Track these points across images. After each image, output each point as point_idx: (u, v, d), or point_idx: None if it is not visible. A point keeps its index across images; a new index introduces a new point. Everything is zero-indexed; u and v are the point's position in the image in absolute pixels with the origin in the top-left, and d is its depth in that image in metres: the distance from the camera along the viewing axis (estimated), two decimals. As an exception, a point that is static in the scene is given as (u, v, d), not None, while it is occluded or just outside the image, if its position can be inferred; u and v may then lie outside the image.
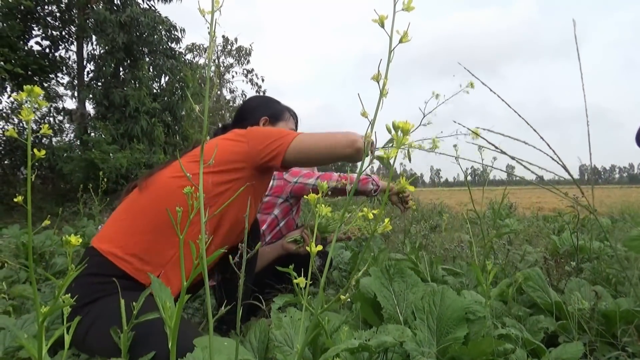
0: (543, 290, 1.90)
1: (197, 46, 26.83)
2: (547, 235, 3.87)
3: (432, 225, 5.00)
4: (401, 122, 0.57)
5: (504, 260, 2.25)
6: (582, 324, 1.68)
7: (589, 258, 2.54)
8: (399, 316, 1.47)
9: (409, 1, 0.56)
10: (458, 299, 1.44)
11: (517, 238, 4.50)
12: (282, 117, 1.92)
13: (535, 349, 1.49)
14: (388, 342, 1.13)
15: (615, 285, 2.20)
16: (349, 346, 1.03)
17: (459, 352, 1.30)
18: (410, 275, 1.57)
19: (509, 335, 1.47)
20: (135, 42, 11.03)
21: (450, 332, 1.38)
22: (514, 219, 5.95)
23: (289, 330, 1.28)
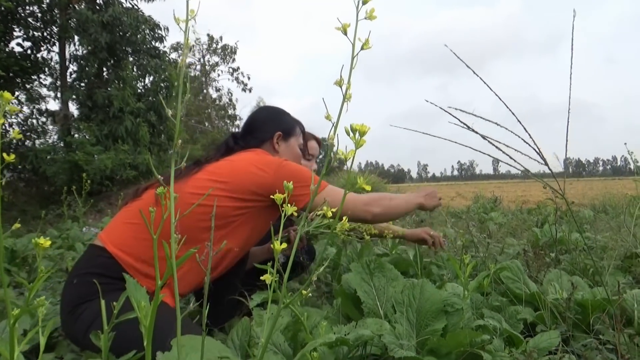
0: (522, 282, 1.93)
1: (182, 45, 26.55)
2: (529, 227, 3.93)
3: (418, 220, 5.05)
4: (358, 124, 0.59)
5: (484, 253, 2.28)
6: (558, 314, 1.72)
7: (567, 249, 2.59)
8: (379, 310, 1.50)
9: (371, 10, 0.58)
10: (437, 292, 1.46)
11: (501, 231, 4.57)
12: (293, 132, 1.88)
13: (512, 338, 1.52)
14: (366, 336, 1.16)
15: (593, 276, 2.25)
16: (326, 340, 1.05)
17: (437, 344, 1.33)
18: (390, 269, 1.59)
19: (486, 326, 1.50)
20: (118, 42, 10.92)
21: (429, 325, 1.40)
22: (498, 213, 6.03)
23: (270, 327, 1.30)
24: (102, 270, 1.38)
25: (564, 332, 1.65)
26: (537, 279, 2.13)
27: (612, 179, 5.85)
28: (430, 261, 2.18)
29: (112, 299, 1.28)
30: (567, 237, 2.64)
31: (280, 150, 1.78)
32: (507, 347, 1.46)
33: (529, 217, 5.70)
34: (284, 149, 1.79)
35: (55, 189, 9.54)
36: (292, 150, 1.81)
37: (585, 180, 18.00)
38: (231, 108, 27.08)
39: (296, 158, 1.82)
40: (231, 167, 1.57)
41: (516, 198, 11.16)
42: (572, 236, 2.92)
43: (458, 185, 17.37)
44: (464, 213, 5.83)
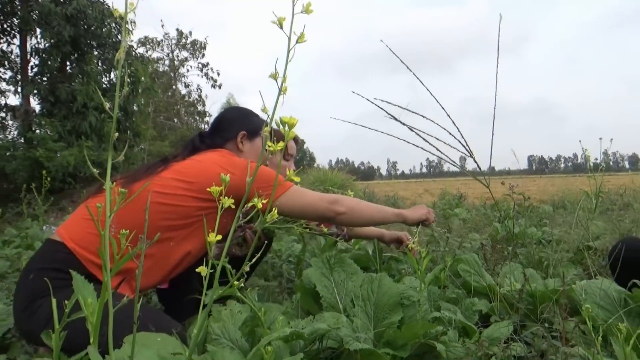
0: (479, 275, 1.99)
1: (150, 39, 26.09)
2: (490, 222, 4.04)
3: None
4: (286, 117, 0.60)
5: (444, 247, 2.34)
6: (511, 305, 1.79)
7: (522, 243, 2.68)
8: (338, 304, 1.52)
9: (307, 4, 0.59)
10: (394, 286, 1.50)
11: (465, 226, 4.68)
12: (260, 132, 1.87)
13: (467, 329, 1.57)
14: (322, 329, 1.18)
15: (547, 268, 2.34)
16: (281, 335, 1.07)
17: (393, 336, 1.36)
18: (350, 264, 1.62)
19: (442, 318, 1.55)
20: (82, 36, 10.60)
21: (386, 318, 1.44)
22: (463, 209, 6.18)
23: (227, 323, 1.30)
24: (61, 265, 1.36)
25: (516, 322, 1.71)
26: (494, 272, 2.20)
27: (573, 176, 6.08)
28: (389, 256, 2.22)
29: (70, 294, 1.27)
30: (523, 232, 2.73)
31: (245, 149, 1.78)
32: (461, 337, 1.51)
33: (492, 212, 5.85)
34: (249, 148, 1.79)
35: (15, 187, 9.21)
36: (257, 150, 1.81)
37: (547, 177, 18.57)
38: (201, 104, 26.69)
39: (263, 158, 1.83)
40: (198, 167, 1.57)
41: (481, 194, 11.44)
42: (529, 230, 3.02)
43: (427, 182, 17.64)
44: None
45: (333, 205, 1.63)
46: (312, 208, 1.62)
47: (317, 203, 1.62)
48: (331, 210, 1.63)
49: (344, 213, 1.64)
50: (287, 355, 1.11)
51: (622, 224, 2.97)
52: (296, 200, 1.59)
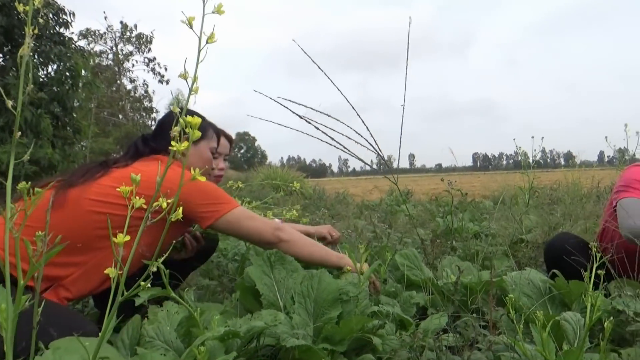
0: (418, 268, 2.06)
1: (92, 32, 24.94)
2: (434, 218, 4.17)
3: (334, 213, 5.17)
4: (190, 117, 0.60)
5: (386, 243, 2.40)
6: (448, 297, 1.86)
7: (460, 237, 2.79)
8: (278, 302, 1.52)
9: (219, 5, 0.59)
10: (333, 282, 1.52)
11: (411, 222, 4.81)
12: (204, 135, 1.82)
13: (404, 322, 1.62)
14: (257, 327, 1.18)
15: (483, 261, 2.45)
16: (215, 334, 1.06)
17: (331, 332, 1.38)
18: (290, 262, 1.63)
19: (380, 311, 1.59)
20: (16, 26, 9.95)
21: (325, 313, 1.46)
22: (409, 205, 6.34)
23: (163, 324, 1.27)
24: None
25: (452, 314, 1.79)
26: (433, 266, 2.27)
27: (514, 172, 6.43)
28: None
29: None
30: (461, 226, 2.84)
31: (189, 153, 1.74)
32: (398, 330, 1.55)
33: (437, 208, 6.05)
34: (192, 152, 1.75)
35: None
36: (202, 155, 1.78)
37: (490, 174, 19.36)
38: (147, 100, 25.81)
39: (204, 161, 1.79)
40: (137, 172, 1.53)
41: (429, 190, 11.78)
42: (467, 225, 3.15)
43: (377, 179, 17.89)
44: (377, 206, 6.05)
45: (278, 231, 1.63)
46: (258, 233, 1.61)
47: (263, 228, 1.62)
48: (275, 237, 1.62)
49: (287, 241, 1.64)
50: (221, 355, 1.10)
51: (552, 217, 3.15)
52: (242, 222, 1.59)
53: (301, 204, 6.06)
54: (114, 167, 1.58)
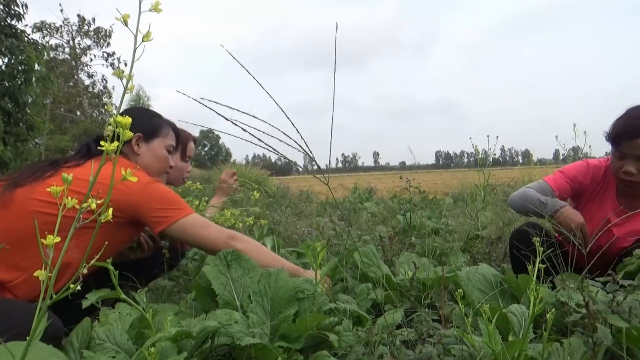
0: (376, 266, 2.09)
1: (47, 25, 23.94)
2: (394, 215, 4.24)
3: (297, 211, 5.17)
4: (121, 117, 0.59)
5: (345, 240, 2.43)
6: (404, 292, 1.90)
7: (418, 234, 2.85)
8: (235, 301, 1.52)
9: (156, 3, 0.58)
10: (290, 280, 1.52)
11: (373, 219, 4.87)
12: (159, 133, 1.77)
13: (361, 318, 1.65)
14: (211, 327, 1.17)
15: (440, 257, 2.51)
16: (166, 335, 1.04)
17: (288, 330, 1.39)
18: (247, 260, 1.62)
19: (338, 308, 1.61)
20: (-38, 17, 9.46)
21: (282, 312, 1.46)
22: (372, 202, 6.42)
23: (114, 326, 1.25)
24: None
25: (408, 309, 1.82)
26: (391, 262, 2.32)
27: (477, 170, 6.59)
28: (289, 251, 2.26)
29: None
30: (420, 223, 2.90)
31: (141, 152, 1.71)
32: (355, 326, 1.57)
33: (399, 205, 6.16)
34: (145, 151, 1.72)
35: None
36: (155, 153, 1.74)
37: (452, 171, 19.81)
38: (107, 96, 25.00)
39: (159, 160, 1.75)
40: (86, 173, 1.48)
41: (393, 188, 11.96)
42: (427, 222, 3.22)
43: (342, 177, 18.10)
44: (340, 204, 6.10)
45: (231, 241, 1.61)
46: (210, 242, 1.60)
47: (216, 237, 1.60)
48: (229, 246, 1.60)
49: (241, 250, 1.62)
50: (173, 356, 1.09)
51: (507, 213, 3.26)
52: (195, 230, 1.56)
53: (264, 203, 6.03)
54: (64, 167, 1.53)
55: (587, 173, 2.01)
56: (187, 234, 1.57)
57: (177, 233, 1.55)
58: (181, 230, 1.55)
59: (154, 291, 2.05)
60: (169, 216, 1.52)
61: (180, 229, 1.54)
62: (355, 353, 1.35)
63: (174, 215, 1.53)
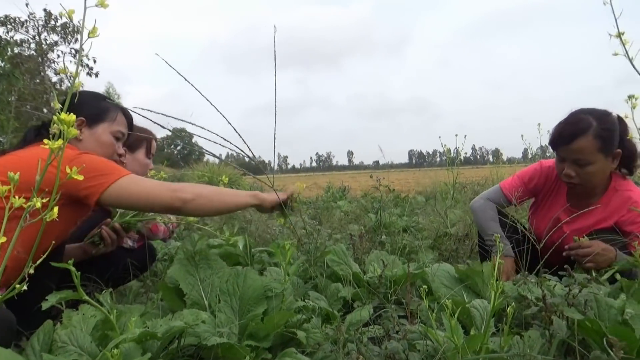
0: (345, 264, 2.11)
1: (12, 19, 23.13)
2: (366, 214, 4.28)
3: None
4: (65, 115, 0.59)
5: (315, 239, 2.44)
6: (373, 290, 1.93)
7: (388, 232, 2.89)
8: (203, 301, 1.51)
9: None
10: (259, 279, 1.53)
11: (346, 217, 4.91)
12: (104, 117, 1.67)
13: (330, 316, 1.66)
14: (176, 327, 1.16)
15: (409, 254, 2.55)
16: (131, 336, 1.03)
17: (256, 328, 1.39)
18: (216, 260, 1.62)
19: (307, 306, 1.62)
20: None
21: (251, 310, 1.46)
22: (345, 201, 6.46)
23: (77, 328, 1.23)
24: None
25: (377, 306, 1.85)
26: (361, 260, 2.34)
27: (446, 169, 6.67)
28: (260, 250, 2.26)
29: None
30: (389, 221, 2.94)
31: (84, 137, 1.62)
32: (324, 324, 1.59)
33: (372, 204, 6.21)
34: (88, 136, 1.63)
35: None
36: (99, 138, 1.65)
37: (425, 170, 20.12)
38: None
39: (103, 146, 1.66)
40: (19, 163, 1.39)
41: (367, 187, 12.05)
42: (398, 220, 3.26)
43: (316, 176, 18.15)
44: (313, 202, 6.12)
45: (177, 193, 1.45)
46: (153, 197, 1.43)
47: (158, 190, 1.45)
48: (177, 199, 1.44)
49: (192, 200, 1.46)
50: (138, 357, 1.08)
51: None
52: (132, 189, 1.41)
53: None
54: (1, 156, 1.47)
55: (540, 175, 2.11)
56: (125, 198, 1.42)
57: (115, 199, 1.41)
58: (118, 196, 1.40)
59: (121, 292, 2.02)
60: (100, 183, 1.38)
61: (116, 195, 1.40)
62: (323, 350, 1.37)
63: (105, 181, 1.39)
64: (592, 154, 1.81)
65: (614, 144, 1.83)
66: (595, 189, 1.94)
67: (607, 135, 1.81)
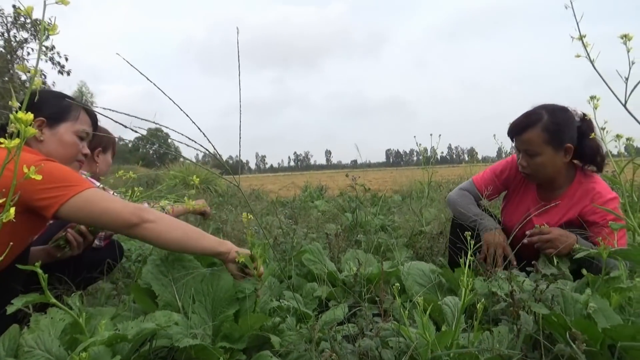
0: (321, 263, 2.12)
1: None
2: (343, 213, 4.30)
3: (247, 210, 5.12)
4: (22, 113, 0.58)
5: (291, 238, 2.44)
6: (348, 288, 1.94)
7: (364, 231, 2.91)
8: (176, 302, 1.49)
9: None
10: (230, 279, 1.52)
11: (324, 217, 4.91)
12: (66, 117, 1.61)
13: (305, 315, 1.66)
14: (148, 329, 1.15)
15: (384, 253, 2.57)
16: (100, 339, 1.02)
17: (230, 330, 1.39)
18: (190, 260, 1.60)
19: (281, 306, 1.62)
20: None
21: (223, 312, 1.45)
22: (323, 200, 6.47)
23: (45, 332, 1.20)
24: None
25: (352, 304, 1.86)
26: (338, 259, 2.35)
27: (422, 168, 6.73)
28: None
29: None
30: (365, 220, 2.96)
31: (45, 138, 1.56)
32: (299, 323, 1.59)
33: (349, 203, 6.23)
34: (49, 137, 1.57)
35: None
36: (61, 138, 1.59)
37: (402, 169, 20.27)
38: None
39: (65, 146, 1.60)
40: None
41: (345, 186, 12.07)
42: (374, 219, 3.29)
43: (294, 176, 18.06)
44: (290, 202, 6.11)
45: (140, 211, 1.39)
46: (114, 213, 1.36)
47: (120, 208, 1.38)
48: (137, 216, 1.38)
49: (152, 221, 1.39)
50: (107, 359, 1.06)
51: (448, 210, 3.37)
52: (95, 205, 1.35)
53: (213, 202, 5.94)
54: None
55: (511, 167, 2.19)
56: (85, 212, 1.35)
57: (74, 213, 1.34)
58: (78, 209, 1.34)
59: (94, 295, 1.98)
60: (59, 195, 1.32)
61: (76, 208, 1.33)
62: (298, 350, 1.37)
63: (66, 194, 1.32)
64: (540, 146, 1.92)
65: (564, 138, 1.92)
66: (555, 182, 2.03)
67: (556, 129, 1.91)
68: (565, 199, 2.00)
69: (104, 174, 2.27)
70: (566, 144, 1.92)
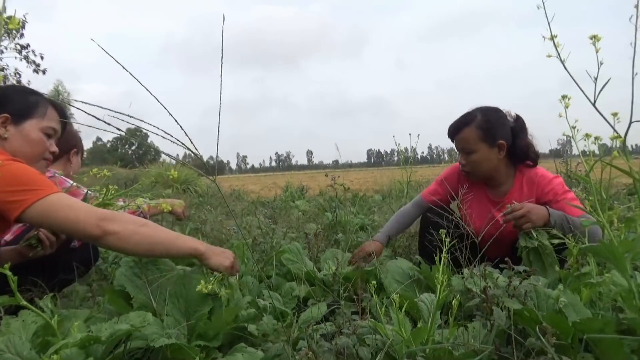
0: (301, 262, 2.12)
1: None
2: (323, 212, 4.31)
3: (226, 210, 5.09)
4: None
5: (272, 237, 2.43)
6: (327, 287, 1.94)
7: (344, 230, 2.92)
8: (151, 303, 1.48)
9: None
10: (202, 279, 1.51)
11: (304, 217, 4.91)
12: (32, 113, 1.55)
13: (284, 314, 1.66)
14: (122, 331, 1.13)
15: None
16: (72, 341, 1.00)
17: (204, 328, 1.38)
18: (165, 262, 1.59)
19: (254, 301, 1.61)
20: None
21: (197, 311, 1.45)
22: (303, 200, 6.47)
23: (16, 335, 1.17)
24: None
25: (331, 303, 1.86)
26: (317, 259, 2.35)
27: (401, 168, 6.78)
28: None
29: None
30: (345, 220, 2.97)
31: (10, 135, 1.50)
32: (278, 322, 1.59)
33: (330, 203, 6.25)
34: (15, 134, 1.51)
35: None
36: (27, 135, 1.53)
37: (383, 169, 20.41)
38: (21, 91, 23.10)
39: (31, 144, 1.54)
40: None
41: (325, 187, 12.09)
42: (354, 219, 3.30)
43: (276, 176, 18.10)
44: (271, 202, 6.09)
45: (104, 222, 1.32)
46: (76, 222, 1.30)
47: (82, 217, 1.31)
48: (99, 228, 1.31)
49: (115, 233, 1.32)
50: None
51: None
52: (57, 212, 1.30)
53: (193, 203, 5.89)
54: None
55: (455, 173, 2.32)
56: (47, 218, 1.30)
57: (37, 218, 1.30)
58: (40, 214, 1.29)
59: (68, 297, 1.94)
60: (24, 199, 1.27)
61: (40, 213, 1.29)
62: (275, 348, 1.37)
63: (30, 197, 1.27)
64: (475, 143, 2.07)
65: (496, 135, 2.05)
66: (495, 178, 2.15)
67: (488, 126, 2.05)
68: (515, 192, 2.12)
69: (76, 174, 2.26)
70: (499, 140, 2.04)
